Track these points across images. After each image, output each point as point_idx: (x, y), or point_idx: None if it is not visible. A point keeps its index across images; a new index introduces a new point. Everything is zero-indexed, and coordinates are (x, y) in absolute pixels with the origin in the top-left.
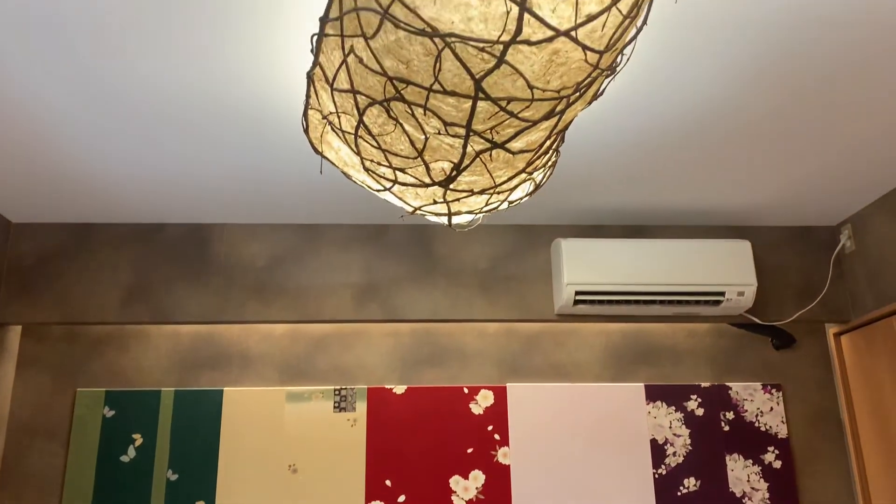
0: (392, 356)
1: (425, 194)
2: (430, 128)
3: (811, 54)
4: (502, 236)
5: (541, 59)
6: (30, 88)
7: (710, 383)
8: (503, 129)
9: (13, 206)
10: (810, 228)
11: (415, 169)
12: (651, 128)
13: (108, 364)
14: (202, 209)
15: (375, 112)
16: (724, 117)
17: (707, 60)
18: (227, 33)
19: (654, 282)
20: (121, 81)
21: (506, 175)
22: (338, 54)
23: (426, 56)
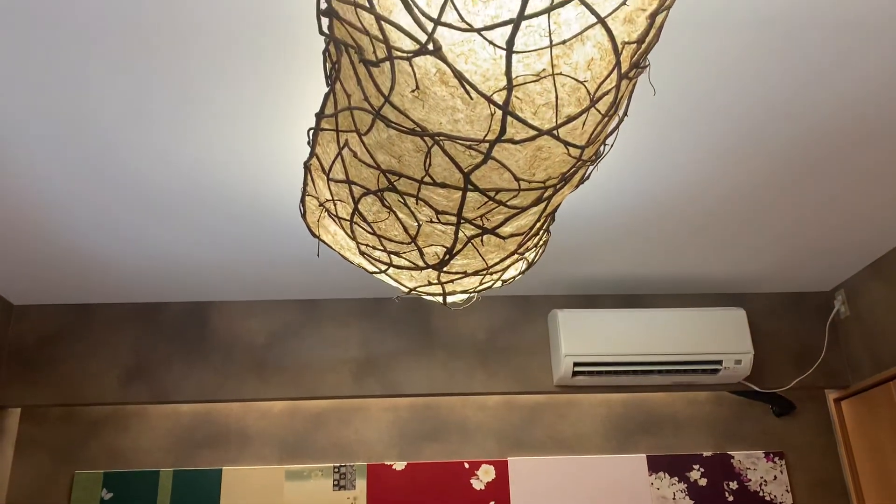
0: (391, 431)
1: (420, 276)
2: (423, 216)
3: (797, 129)
4: (499, 308)
5: (525, 154)
6: (32, 174)
7: (713, 452)
8: (493, 215)
9: (15, 289)
10: (804, 294)
11: (409, 253)
12: (642, 201)
13: (107, 445)
14: (201, 287)
15: (370, 201)
16: (713, 190)
17: (695, 138)
18: (229, 124)
19: (651, 352)
20: (122, 167)
21: (498, 257)
22: (333, 147)
23: (417, 152)
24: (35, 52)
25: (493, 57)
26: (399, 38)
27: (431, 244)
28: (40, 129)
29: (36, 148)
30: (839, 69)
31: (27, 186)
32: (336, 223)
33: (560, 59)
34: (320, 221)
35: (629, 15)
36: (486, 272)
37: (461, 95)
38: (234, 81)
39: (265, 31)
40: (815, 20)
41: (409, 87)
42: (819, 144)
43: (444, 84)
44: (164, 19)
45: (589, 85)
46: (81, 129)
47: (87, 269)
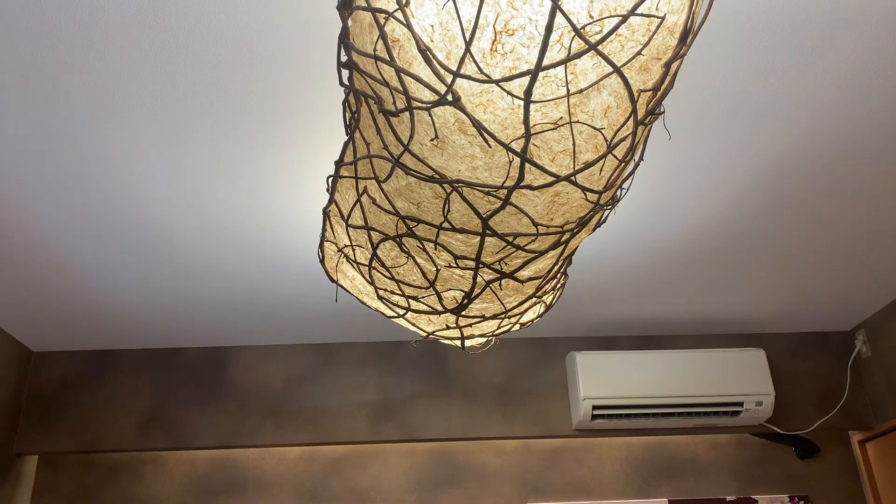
0: (409, 477)
1: (438, 320)
2: (441, 261)
3: (813, 167)
4: (517, 350)
5: (543, 200)
6: (49, 223)
7: (736, 497)
8: (511, 260)
9: (34, 335)
10: (825, 334)
11: (427, 297)
12: (659, 242)
13: (124, 492)
14: (219, 333)
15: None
16: (730, 231)
17: (711, 179)
18: (249, 170)
19: (670, 394)
20: (139, 215)
21: (516, 300)
22: (352, 194)
23: (435, 198)
24: (56, 103)
25: (511, 106)
26: (418, 88)
27: (450, 288)
28: (58, 180)
29: (54, 197)
30: (857, 104)
31: (46, 235)
32: (354, 268)
33: (577, 108)
34: (339, 267)
35: (644, 64)
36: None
37: (480, 143)
38: (254, 129)
39: (286, 80)
40: (827, 57)
41: (428, 136)
42: (836, 184)
43: (463, 133)
44: (185, 69)
45: (606, 132)
46: (100, 178)
47: (106, 316)
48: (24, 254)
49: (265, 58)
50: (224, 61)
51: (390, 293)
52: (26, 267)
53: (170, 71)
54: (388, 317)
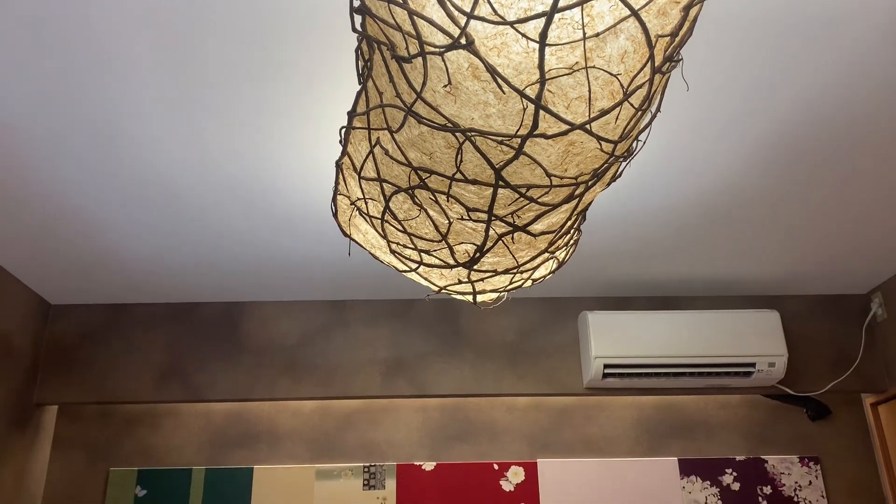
0: (421, 432)
1: (450, 275)
2: (454, 213)
3: (836, 126)
4: (529, 309)
5: (557, 149)
6: (66, 179)
7: (746, 456)
8: (524, 213)
9: (52, 289)
10: (840, 297)
11: (439, 251)
12: (674, 201)
13: (141, 443)
14: (234, 288)
15: (401, 198)
16: (747, 191)
17: (730, 137)
18: (260, 125)
19: (683, 354)
20: (155, 170)
21: (528, 255)
22: (365, 145)
23: (448, 148)
24: (72, 55)
25: (526, 50)
26: (432, 32)
27: (462, 242)
28: (76, 135)
29: (72, 153)
30: (879, 68)
31: (63, 190)
32: (367, 222)
33: (593, 53)
34: (351, 220)
35: (662, 7)
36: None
37: (493, 90)
38: (266, 82)
39: (297, 29)
40: (857, 18)
41: (441, 83)
42: (856, 146)
43: (477, 79)
44: (195, 21)
45: (622, 78)
46: (116, 134)
47: (122, 270)
48: (42, 208)
49: (277, 7)
50: (235, 13)
51: (403, 247)
52: (45, 221)
53: (182, 25)
54: (401, 271)
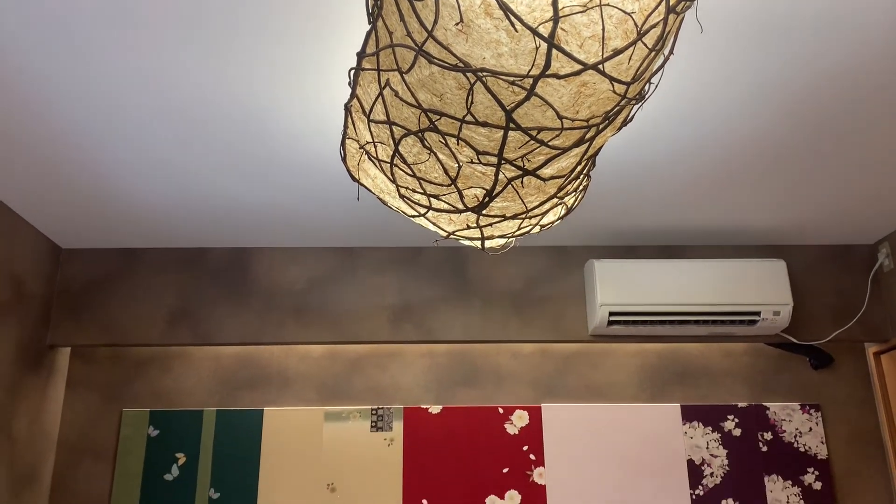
0: (427, 376)
1: (459, 220)
2: (463, 157)
3: (845, 74)
4: (536, 258)
5: (569, 90)
6: (79, 122)
7: (748, 403)
8: (534, 156)
9: (62, 233)
10: (847, 247)
11: (448, 196)
12: (684, 149)
13: (152, 385)
14: (243, 234)
15: (410, 142)
16: (756, 139)
17: (739, 83)
18: (268, 66)
19: (688, 302)
20: (164, 114)
21: (537, 200)
22: (374, 87)
23: (459, 89)
24: None
25: None
26: None
27: (471, 186)
28: (86, 79)
29: (82, 95)
30: (886, 16)
31: (74, 134)
32: (376, 166)
33: None
34: (360, 165)
35: None
36: (525, 216)
37: (506, 28)
38: (275, 22)
39: None
40: None
41: (452, 21)
42: (865, 94)
43: (489, 16)
44: None
45: (636, 17)
46: (127, 72)
47: (132, 215)
48: (52, 152)
49: None
50: None
51: (412, 191)
52: (55, 165)
53: None
54: (410, 216)
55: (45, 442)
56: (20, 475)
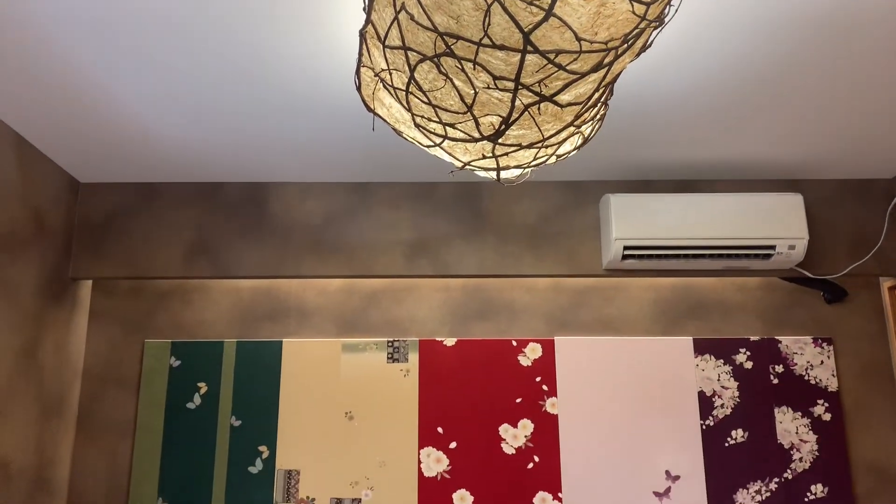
0: (442, 310)
1: (474, 149)
2: (480, 82)
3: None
4: (551, 192)
5: (588, 10)
6: (95, 57)
7: (760, 337)
8: (551, 81)
9: (80, 167)
10: (866, 181)
11: (464, 124)
12: (702, 80)
13: (173, 317)
14: (259, 168)
15: (426, 68)
16: (776, 68)
17: (758, 9)
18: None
19: (703, 236)
20: (179, 47)
21: (554, 128)
22: (389, 11)
23: (475, 11)
24: None
25: None
26: None
27: (487, 114)
28: (101, 10)
29: (98, 28)
30: None
31: (90, 68)
32: (391, 94)
33: None
34: (375, 94)
35: None
36: (541, 145)
37: None
38: None
39: None
40: None
41: None
42: (886, 20)
43: None
44: None
45: None
46: (139, 10)
47: (149, 149)
48: (69, 86)
49: None
50: None
51: (427, 120)
52: (72, 99)
53: None
54: (425, 146)
55: (71, 371)
56: (48, 403)
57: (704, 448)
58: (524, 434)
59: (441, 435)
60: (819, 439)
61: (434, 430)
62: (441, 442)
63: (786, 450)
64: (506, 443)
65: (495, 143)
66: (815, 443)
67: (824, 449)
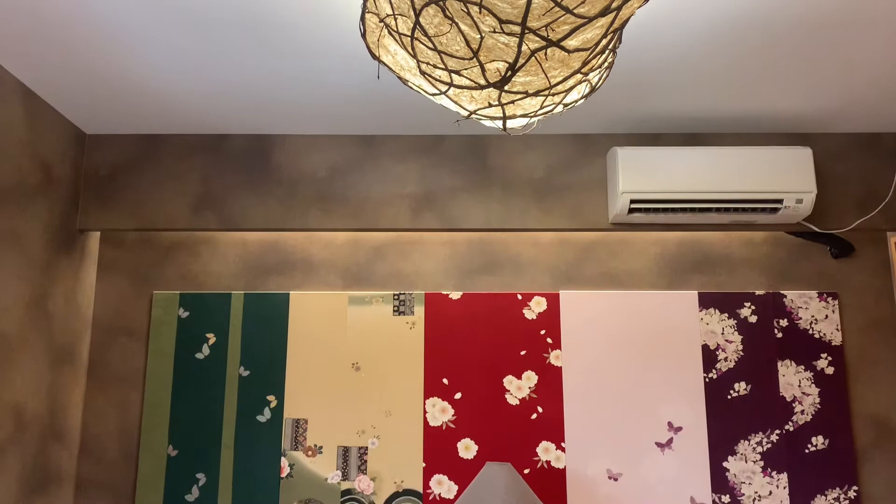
0: (448, 264)
1: (480, 97)
2: (486, 26)
3: None
4: (558, 146)
5: None
6: (101, 7)
7: (765, 291)
8: (558, 26)
9: (86, 119)
10: (876, 135)
11: (470, 70)
12: (711, 29)
13: (180, 269)
14: (264, 120)
15: (431, 12)
16: (785, 17)
17: None
18: None
19: (710, 189)
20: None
21: (561, 75)
22: None
23: None
24: None
25: None
26: None
27: (493, 60)
28: None
29: None
30: None
31: (96, 18)
32: (396, 41)
33: None
34: (380, 41)
35: None
36: (548, 92)
37: None
38: None
39: None
40: None
41: None
42: None
43: None
44: None
45: None
46: None
47: (154, 100)
48: (74, 37)
49: None
50: None
51: (433, 67)
52: (77, 50)
53: None
54: (430, 94)
55: (81, 322)
56: (59, 352)
57: (707, 400)
58: (528, 386)
59: (446, 386)
60: (821, 392)
61: (439, 381)
62: (446, 393)
63: (788, 402)
64: (510, 394)
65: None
66: (817, 396)
67: (826, 402)
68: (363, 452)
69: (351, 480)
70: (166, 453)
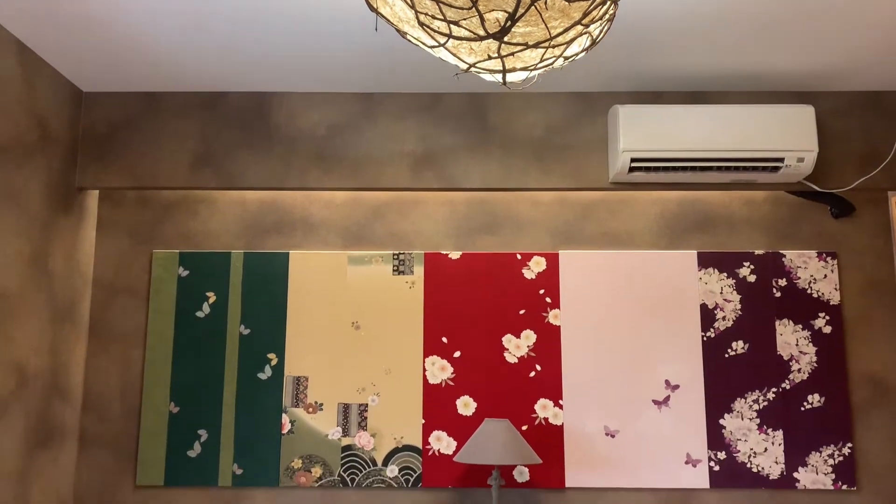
0: (448, 224)
1: (479, 49)
2: None
3: None
4: (558, 104)
5: None
6: None
7: (764, 251)
8: None
9: (83, 76)
10: (878, 94)
11: (469, 21)
12: None
13: (179, 227)
14: (262, 78)
15: None
16: None
17: None
18: None
19: (711, 147)
20: None
21: (561, 26)
22: None
23: None
24: None
25: None
26: None
27: (492, 9)
28: None
29: None
30: None
31: None
32: None
33: None
34: None
35: None
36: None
37: None
38: None
39: None
40: None
41: None
42: None
43: None
44: None
45: None
46: None
47: (151, 58)
48: None
49: None
50: None
51: (431, 17)
52: (74, 5)
53: None
54: (429, 47)
55: (81, 280)
56: (60, 310)
57: (704, 359)
58: (527, 344)
59: (445, 344)
60: (818, 351)
61: (439, 340)
62: (445, 351)
63: (785, 361)
64: (509, 352)
65: (501, 42)
66: (814, 354)
67: (823, 360)
68: (363, 409)
69: (351, 437)
70: (168, 410)
